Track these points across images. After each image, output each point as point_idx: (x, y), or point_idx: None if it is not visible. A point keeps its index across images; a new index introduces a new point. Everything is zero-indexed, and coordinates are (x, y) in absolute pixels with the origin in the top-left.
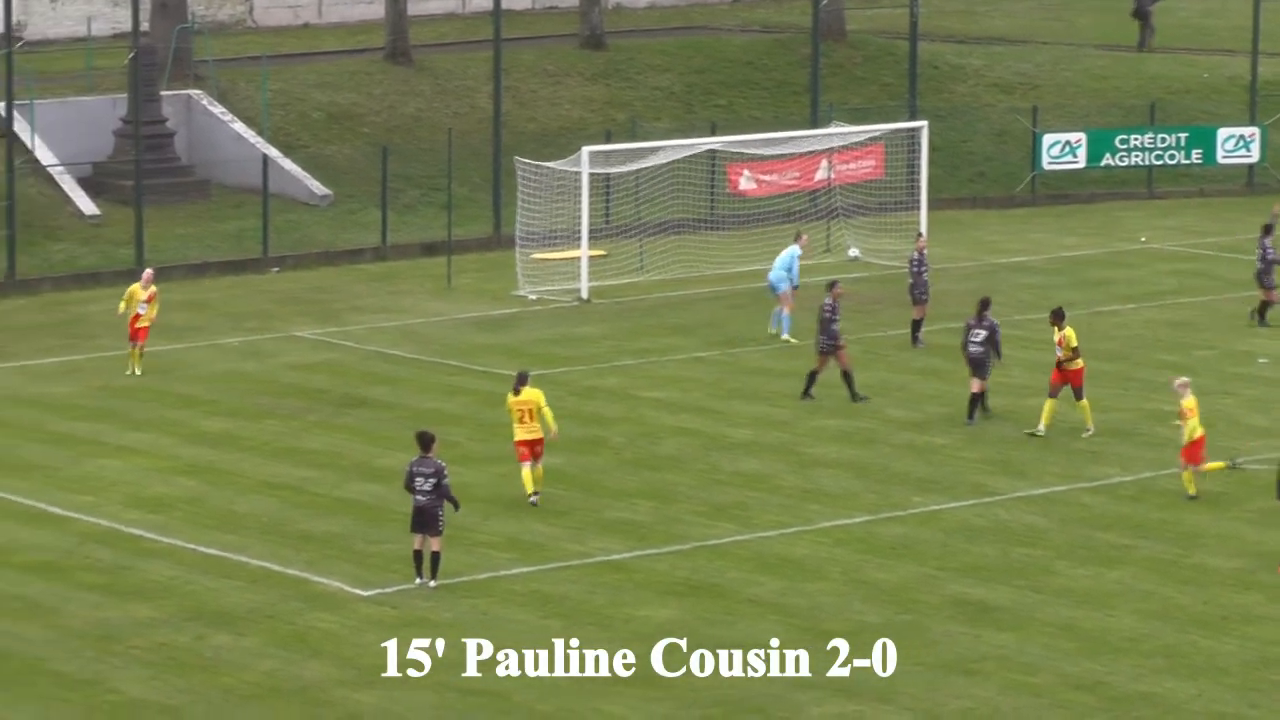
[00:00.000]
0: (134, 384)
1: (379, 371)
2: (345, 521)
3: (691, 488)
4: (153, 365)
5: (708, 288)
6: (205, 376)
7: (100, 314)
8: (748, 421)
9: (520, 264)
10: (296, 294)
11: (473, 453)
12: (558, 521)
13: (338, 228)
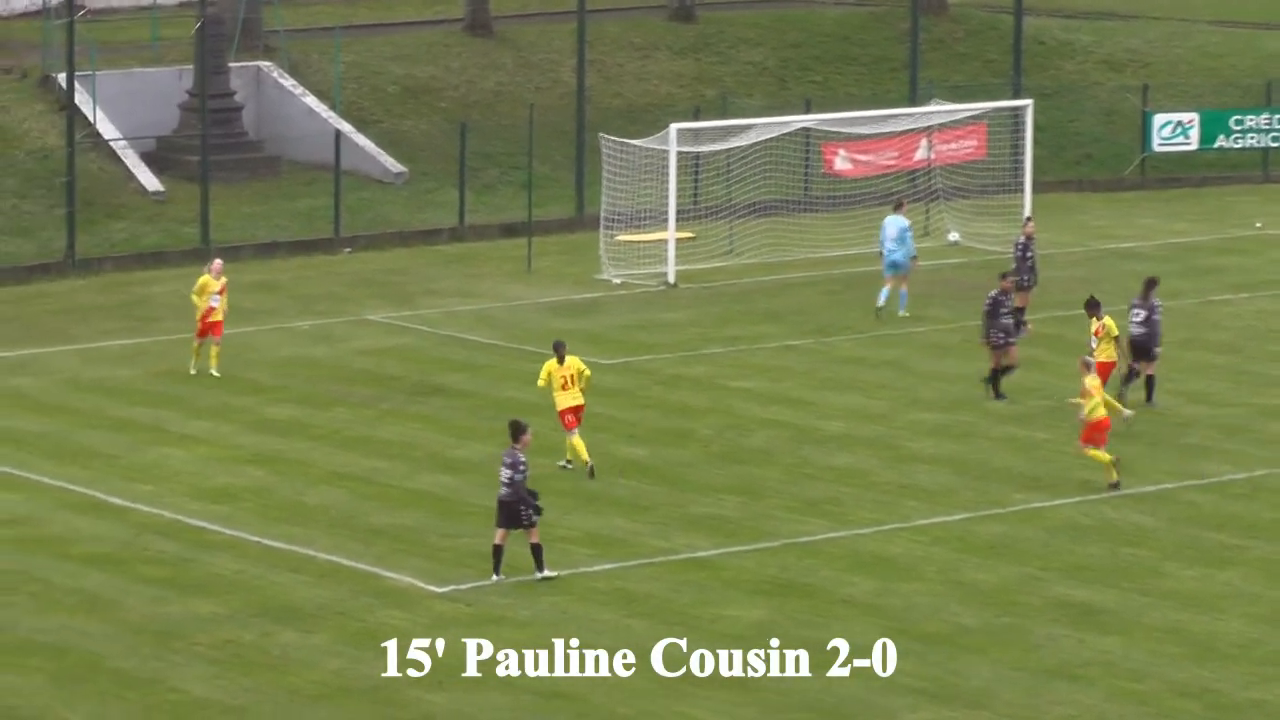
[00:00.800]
0: (200, 369)
1: (455, 358)
2: (418, 515)
3: (782, 482)
4: (222, 349)
5: (801, 272)
6: (273, 362)
7: (164, 295)
8: (841, 414)
9: (604, 246)
10: (369, 276)
11: (553, 443)
12: (641, 517)
13: (413, 207)
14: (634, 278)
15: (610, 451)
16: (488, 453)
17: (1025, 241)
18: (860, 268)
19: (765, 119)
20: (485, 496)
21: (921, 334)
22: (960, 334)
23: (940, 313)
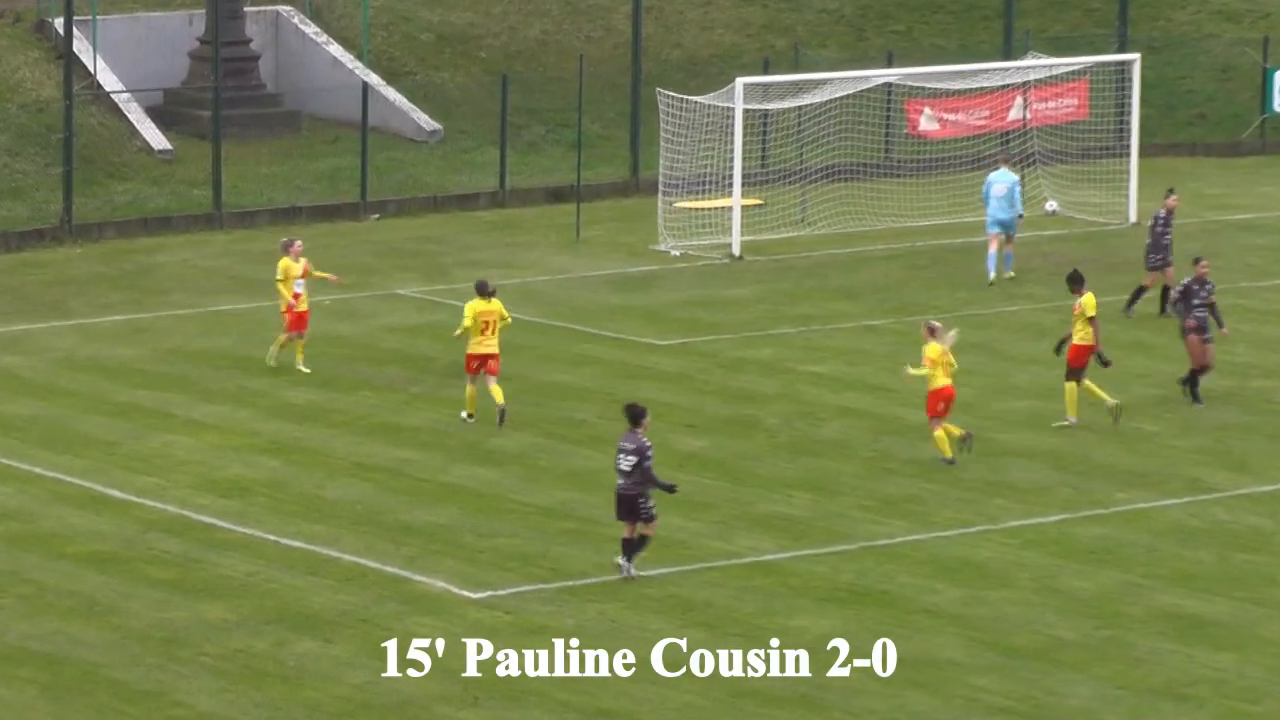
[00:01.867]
0: (209, 348)
1: None
2: (452, 511)
3: (858, 478)
4: (230, 326)
5: (881, 244)
6: None
7: (171, 265)
8: (925, 402)
9: (662, 214)
10: (399, 245)
11: (604, 433)
12: (700, 516)
13: (448, 169)
14: (694, 249)
15: (667, 443)
16: (530, 442)
17: (1165, 216)
18: (947, 239)
19: (842, 73)
20: (527, 491)
21: (1014, 314)
22: (1057, 314)
23: (1036, 290)
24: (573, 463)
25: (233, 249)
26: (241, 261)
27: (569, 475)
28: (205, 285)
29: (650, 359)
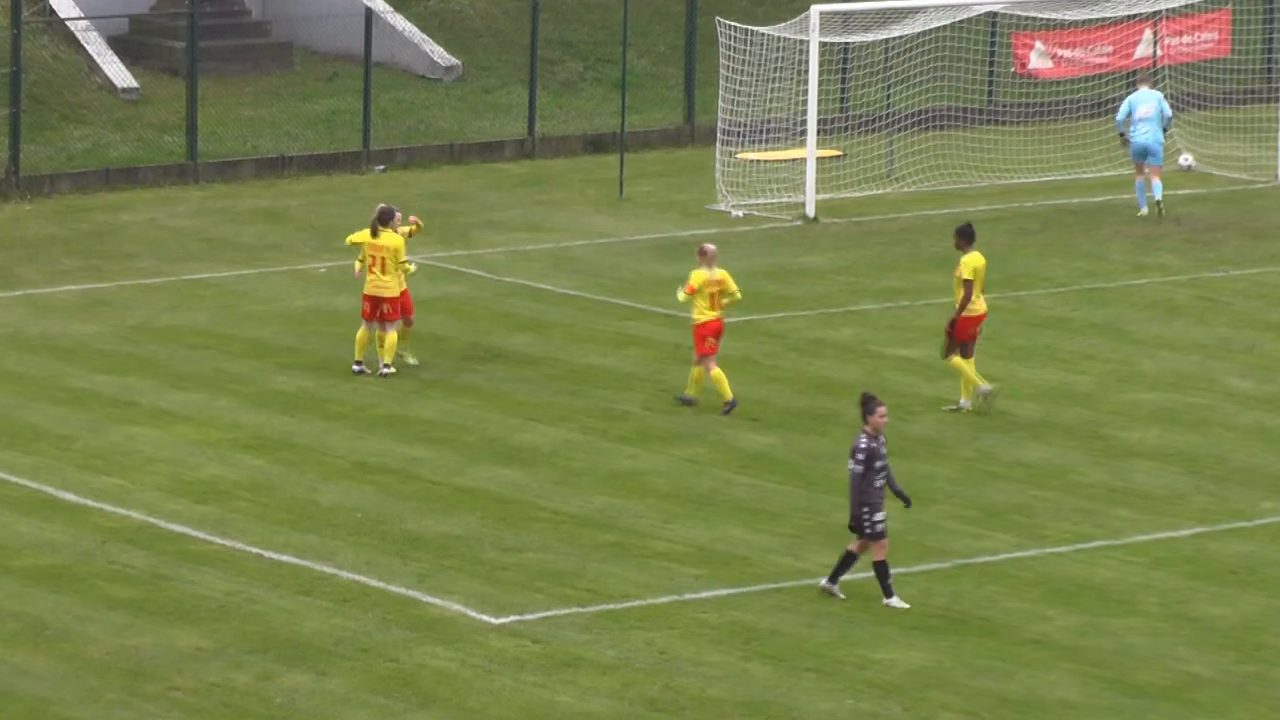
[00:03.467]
0: (181, 324)
1: (521, 313)
2: (470, 520)
3: (954, 483)
4: (207, 298)
5: (983, 204)
6: (281, 315)
7: (137, 226)
8: (1035, 392)
9: (721, 167)
10: (409, 202)
11: (651, 429)
12: (767, 526)
13: (468, 112)
14: (760, 209)
15: (727, 439)
16: (563, 438)
17: None
18: (1061, 198)
19: (937, 0)
20: (559, 496)
21: (1141, 289)
22: (1194, 288)
23: (1168, 260)
24: (615, 463)
25: (210, 206)
26: (221, 221)
27: (610, 478)
28: (177, 249)
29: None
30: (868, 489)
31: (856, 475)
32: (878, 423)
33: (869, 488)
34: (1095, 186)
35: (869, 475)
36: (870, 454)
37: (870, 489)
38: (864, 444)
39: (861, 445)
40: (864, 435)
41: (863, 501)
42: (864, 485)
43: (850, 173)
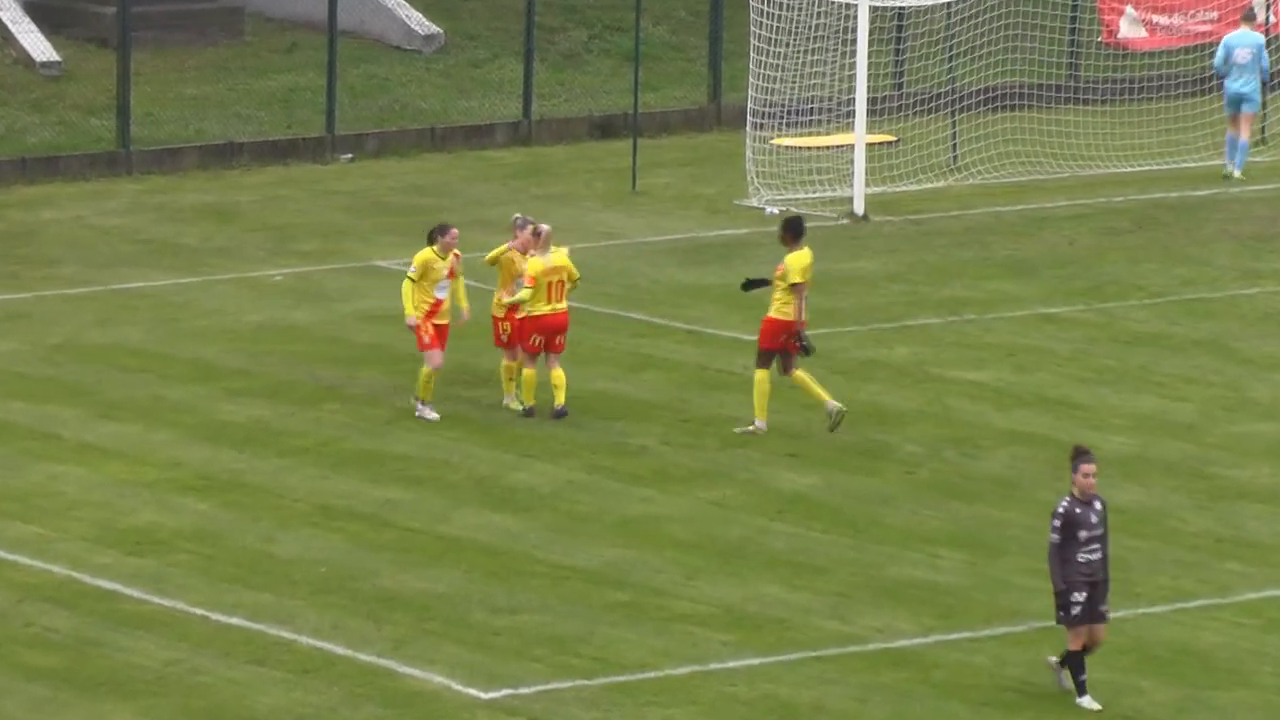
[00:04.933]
0: (113, 342)
1: None
2: (455, 576)
3: (1030, 531)
4: (143, 311)
5: (1063, 199)
6: (229, 331)
7: (60, 225)
8: (1127, 422)
9: (752, 155)
10: (382, 197)
11: (670, 467)
12: (808, 583)
13: (452, 90)
14: (800, 205)
15: (761, 479)
16: (566, 478)
17: None
18: (1158, 191)
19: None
20: (561, 547)
21: (1253, 299)
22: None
23: None
24: (627, 508)
25: (146, 202)
26: (158, 220)
27: (621, 525)
28: (107, 253)
29: (737, 360)
30: (1069, 564)
31: (1054, 546)
32: (1083, 484)
33: (1070, 561)
34: (1198, 178)
35: (1069, 547)
36: (1070, 521)
37: (1072, 564)
38: (1062, 508)
39: (1059, 510)
40: (1066, 498)
41: (1064, 577)
42: (1063, 559)
43: (906, 162)
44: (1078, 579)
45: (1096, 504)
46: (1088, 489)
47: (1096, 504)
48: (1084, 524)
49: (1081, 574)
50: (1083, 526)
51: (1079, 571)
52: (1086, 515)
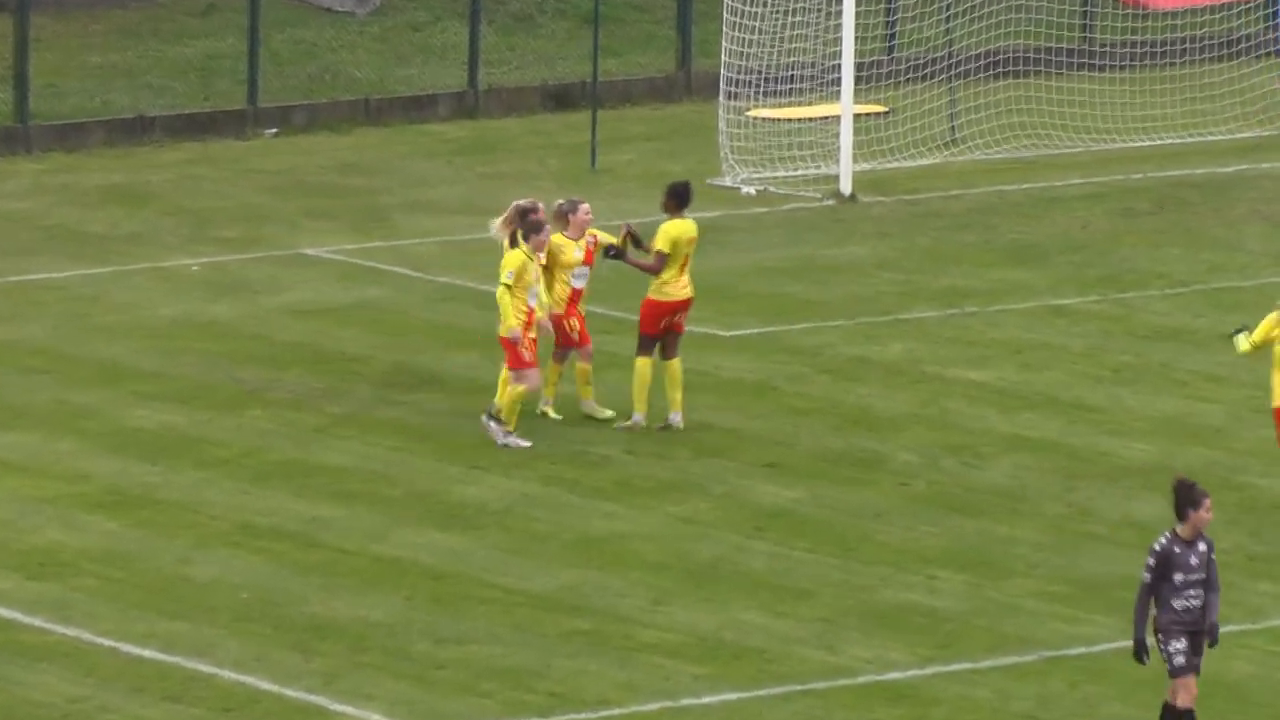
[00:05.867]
0: (9, 340)
1: (462, 324)
2: (394, 602)
3: (1039, 549)
4: (45, 306)
5: (1076, 177)
6: (141, 327)
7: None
8: (1148, 426)
9: (726, 128)
10: (310, 178)
11: (636, 478)
12: (792, 608)
13: (389, 56)
14: (780, 184)
15: (737, 492)
16: (519, 492)
17: None
18: (1182, 168)
19: None
20: (514, 569)
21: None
22: None
23: None
24: (588, 524)
25: (47, 184)
26: (61, 203)
27: (581, 544)
28: (4, 241)
29: (710, 359)
30: (1163, 608)
31: (1144, 587)
32: (1202, 520)
33: (1164, 606)
34: (1226, 152)
35: (1163, 589)
36: (1166, 560)
37: (1166, 608)
38: (1160, 545)
39: (1157, 547)
40: (1167, 534)
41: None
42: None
43: (899, 135)
44: (1174, 625)
45: (1200, 545)
46: (1201, 526)
47: (1200, 545)
48: (1182, 566)
49: (1180, 622)
50: (1180, 569)
51: (1177, 620)
52: (1186, 556)
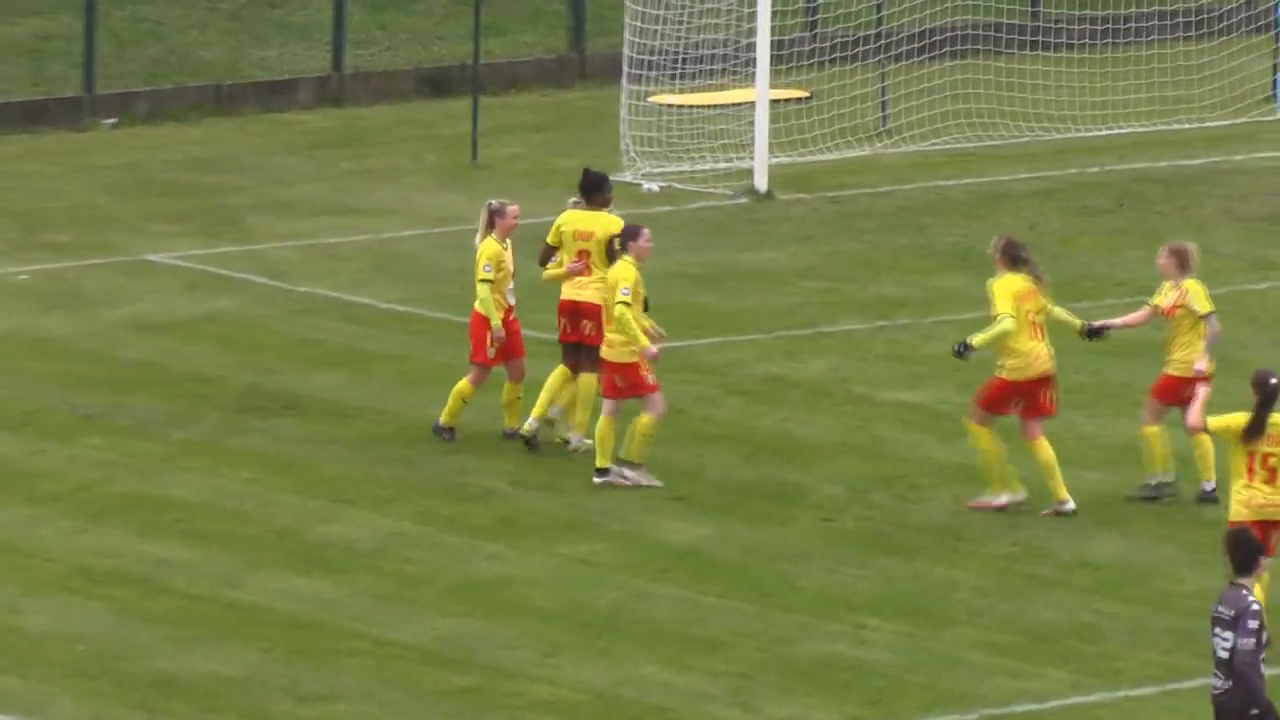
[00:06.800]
0: None
1: (327, 339)
2: (250, 655)
3: (982, 594)
4: None
5: (1023, 170)
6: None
7: None
8: (1105, 455)
9: (627, 117)
10: (155, 174)
11: (524, 513)
12: (700, 661)
13: (245, 36)
14: (686, 179)
15: (639, 529)
16: (392, 530)
17: None
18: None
19: None
20: (386, 618)
21: (1263, 295)
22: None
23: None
24: (470, 567)
25: None
26: None
27: (462, 590)
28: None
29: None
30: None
31: (1251, 654)
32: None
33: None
34: (1194, 142)
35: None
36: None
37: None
38: (1255, 603)
39: (1255, 605)
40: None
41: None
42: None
43: (823, 124)
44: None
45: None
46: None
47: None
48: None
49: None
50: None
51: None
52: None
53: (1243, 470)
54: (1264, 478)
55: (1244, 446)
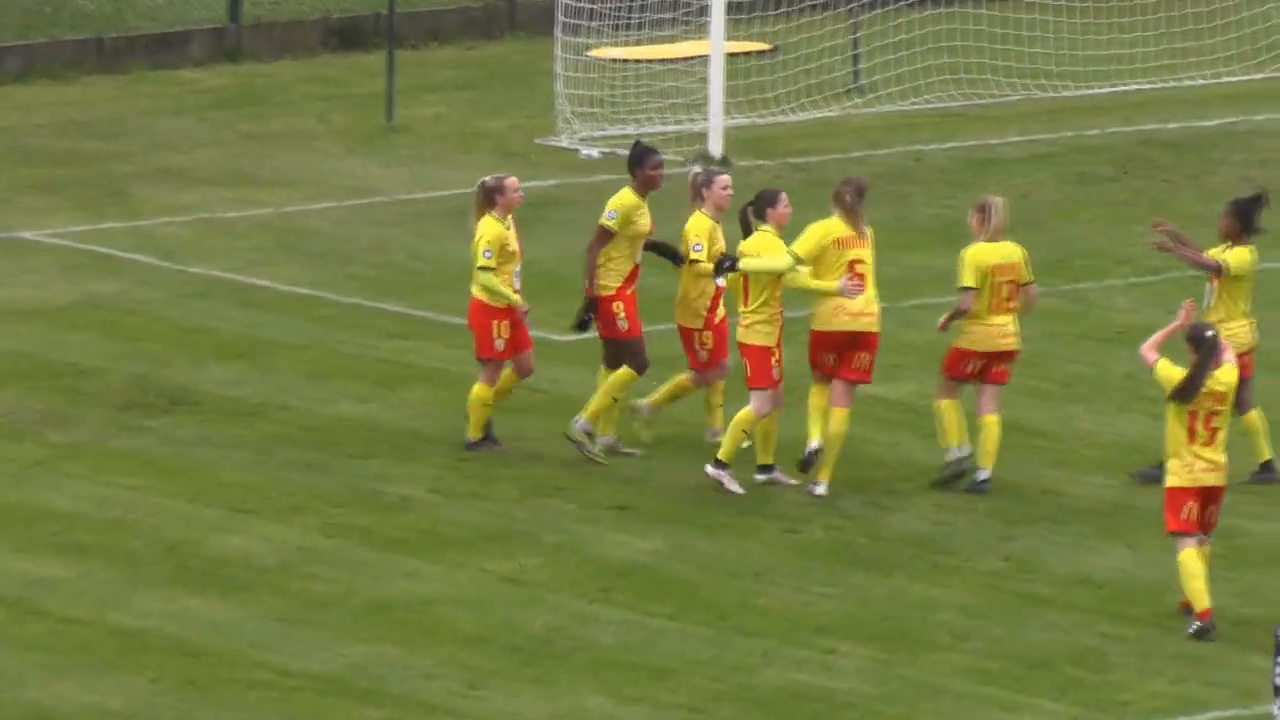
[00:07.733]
0: None
1: (221, 327)
2: (137, 685)
3: (969, 614)
4: None
5: (1015, 131)
6: None
7: None
8: (1105, 455)
9: (562, 73)
10: (27, 140)
11: (446, 525)
12: (647, 691)
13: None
14: (631, 144)
15: (578, 541)
16: (296, 544)
17: None
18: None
19: None
20: (289, 643)
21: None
22: None
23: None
24: (385, 586)
25: None
26: None
27: (376, 611)
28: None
29: (542, 371)
30: None
31: None
32: None
33: None
34: (1207, 101)
35: None
36: None
37: None
38: None
39: None
40: None
41: None
42: None
43: (786, 80)
44: None
45: None
46: None
47: None
48: None
49: None
50: None
51: None
52: None
53: (1182, 434)
54: (1204, 439)
55: (1179, 405)
